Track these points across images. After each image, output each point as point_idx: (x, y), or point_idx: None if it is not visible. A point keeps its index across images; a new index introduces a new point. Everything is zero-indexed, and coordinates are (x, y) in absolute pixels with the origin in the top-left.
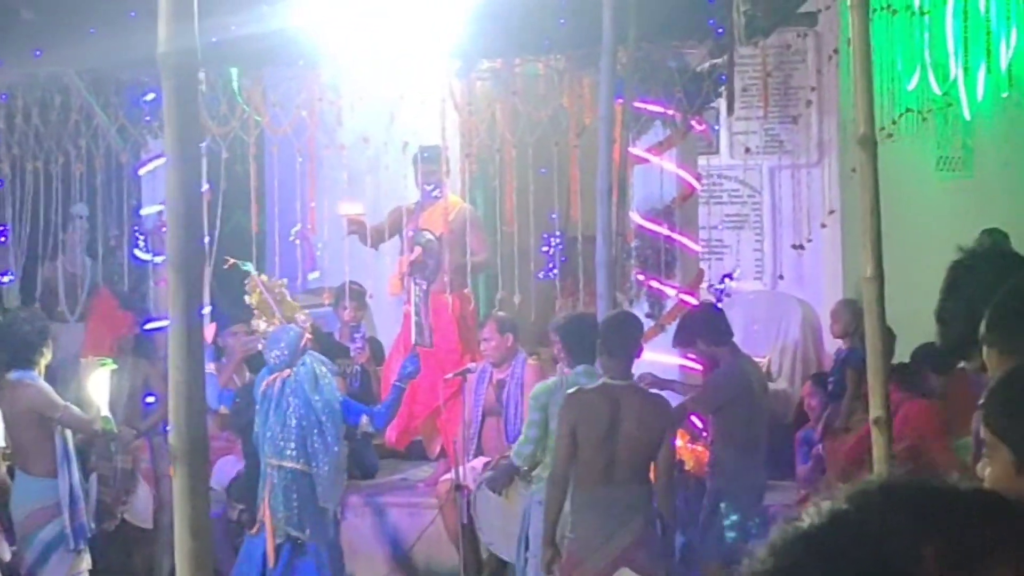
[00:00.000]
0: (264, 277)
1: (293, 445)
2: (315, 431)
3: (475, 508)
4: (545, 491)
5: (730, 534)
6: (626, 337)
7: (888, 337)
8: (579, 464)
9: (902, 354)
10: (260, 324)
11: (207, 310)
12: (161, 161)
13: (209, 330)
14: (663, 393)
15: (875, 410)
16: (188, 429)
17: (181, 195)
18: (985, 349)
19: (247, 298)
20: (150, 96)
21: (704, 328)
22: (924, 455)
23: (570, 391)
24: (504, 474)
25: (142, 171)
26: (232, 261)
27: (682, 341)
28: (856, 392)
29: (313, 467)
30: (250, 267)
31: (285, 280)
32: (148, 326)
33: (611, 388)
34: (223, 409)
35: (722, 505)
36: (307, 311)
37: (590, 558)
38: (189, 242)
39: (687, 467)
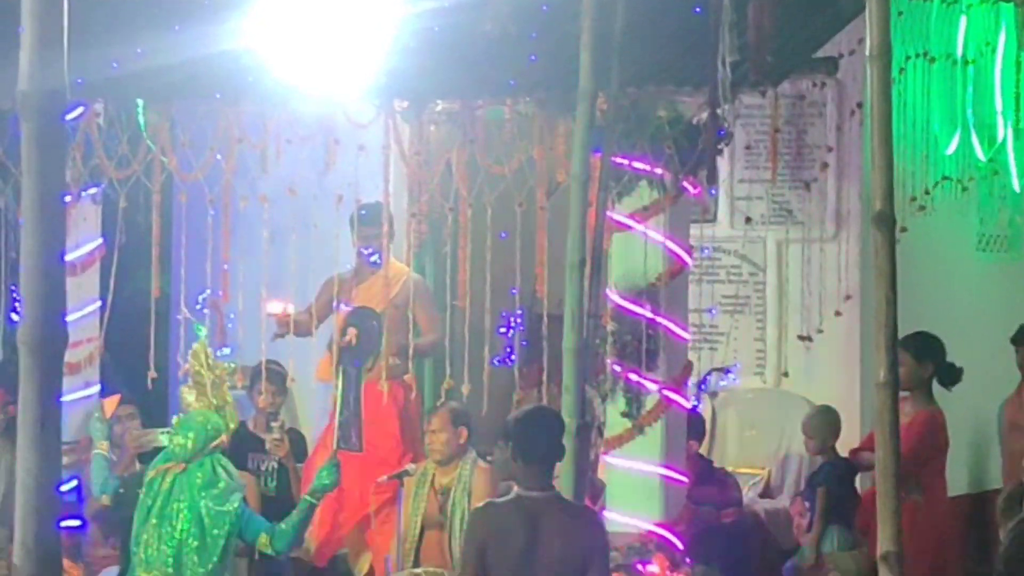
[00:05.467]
0: (209, 351)
1: (167, 558)
2: (194, 544)
3: None
4: None
5: None
6: (543, 439)
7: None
8: None
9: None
10: (188, 397)
11: (95, 390)
12: None
13: (110, 404)
14: None
15: (884, 543)
16: (38, 547)
17: (38, 261)
18: None
19: (186, 365)
20: None
21: None
22: None
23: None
24: None
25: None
26: (186, 316)
27: None
28: (826, 516)
29: None
30: (203, 332)
31: (233, 366)
32: None
33: (527, 501)
34: (104, 499)
35: None
36: (234, 409)
37: None
38: (47, 318)
39: None
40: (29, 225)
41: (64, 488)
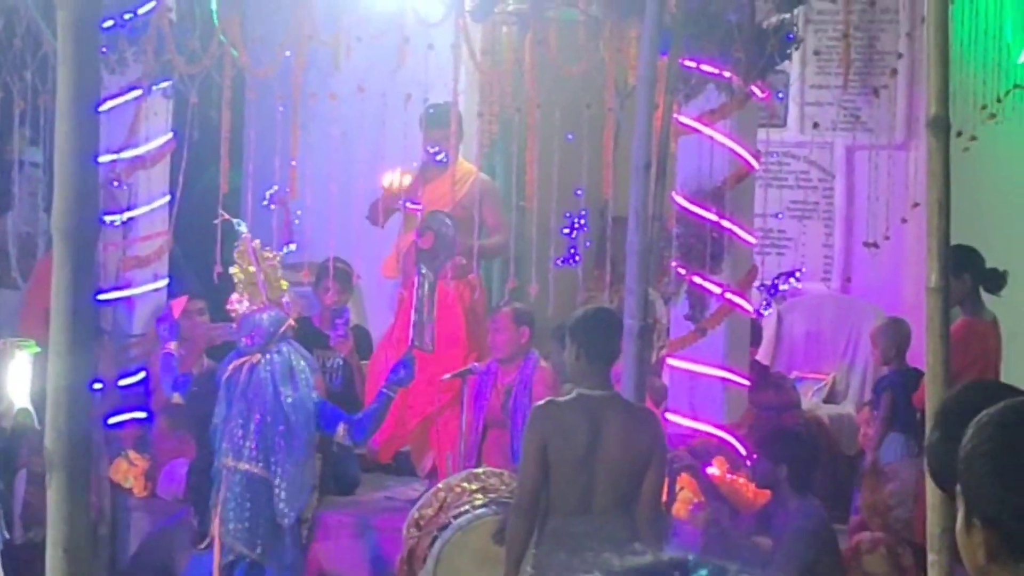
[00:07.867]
0: (257, 243)
1: (253, 444)
2: (280, 430)
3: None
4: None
5: None
6: (605, 338)
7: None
8: (549, 490)
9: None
10: (240, 304)
11: (164, 283)
12: (120, 100)
13: (177, 304)
14: None
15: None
16: (68, 431)
17: (72, 149)
18: None
19: (232, 269)
20: (108, 23)
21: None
22: None
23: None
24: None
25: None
26: (225, 216)
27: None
28: (888, 423)
29: (273, 473)
30: (244, 227)
31: (279, 254)
32: (97, 297)
33: (588, 400)
34: (176, 398)
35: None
36: (291, 292)
37: None
38: (80, 206)
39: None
40: (63, 114)
41: (131, 380)
